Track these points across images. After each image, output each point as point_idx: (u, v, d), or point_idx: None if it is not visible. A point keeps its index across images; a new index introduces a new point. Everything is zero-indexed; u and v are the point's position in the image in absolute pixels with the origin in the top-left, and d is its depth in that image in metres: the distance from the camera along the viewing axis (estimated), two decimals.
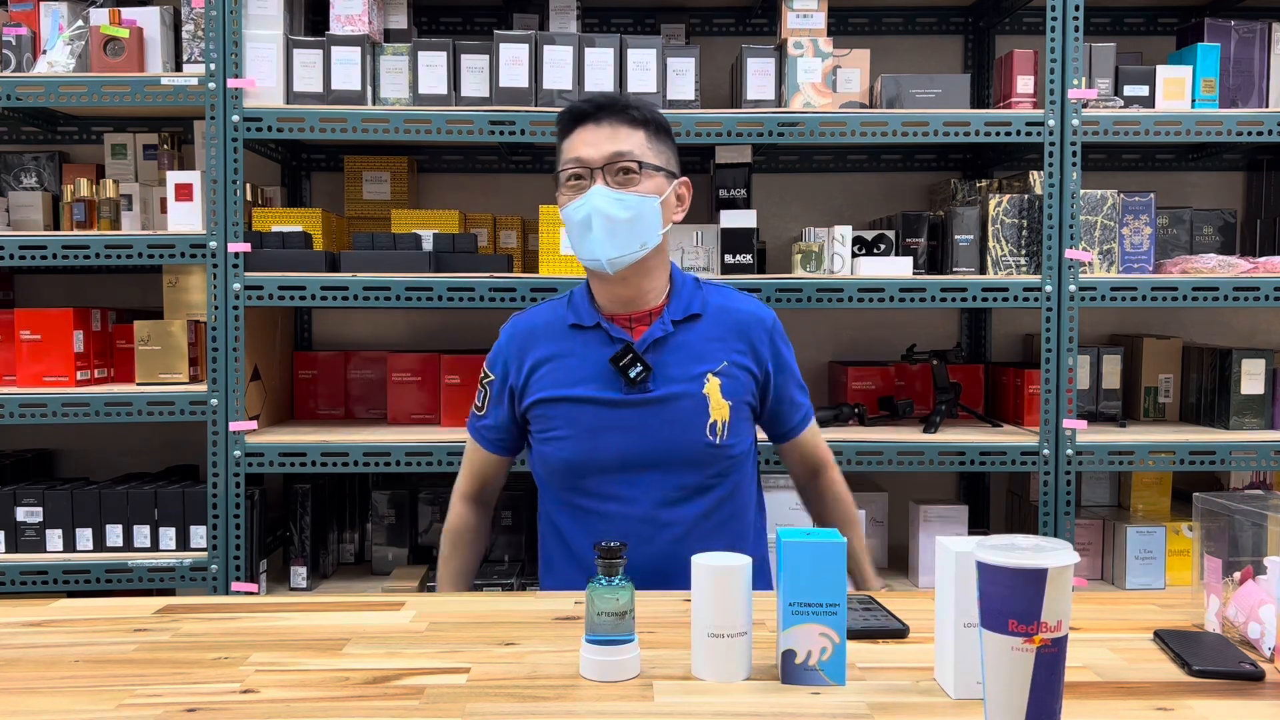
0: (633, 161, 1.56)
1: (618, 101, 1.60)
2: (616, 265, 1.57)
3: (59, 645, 1.28)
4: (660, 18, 2.69)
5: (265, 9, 2.28)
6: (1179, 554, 2.39)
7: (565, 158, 1.60)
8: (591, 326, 1.63)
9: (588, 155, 1.57)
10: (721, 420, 1.60)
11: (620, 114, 1.58)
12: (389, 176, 2.63)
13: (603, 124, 1.57)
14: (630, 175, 1.57)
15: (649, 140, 1.60)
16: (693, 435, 1.59)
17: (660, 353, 1.61)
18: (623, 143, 1.57)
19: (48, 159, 2.66)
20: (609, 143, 1.57)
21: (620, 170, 1.56)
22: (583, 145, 1.58)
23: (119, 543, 2.30)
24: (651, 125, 1.61)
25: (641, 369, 1.58)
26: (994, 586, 0.92)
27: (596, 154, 1.56)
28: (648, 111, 1.61)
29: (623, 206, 1.55)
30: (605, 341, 1.62)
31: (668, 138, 1.64)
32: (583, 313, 1.64)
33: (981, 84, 2.74)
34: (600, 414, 1.60)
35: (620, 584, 1.14)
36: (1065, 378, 2.28)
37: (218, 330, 2.24)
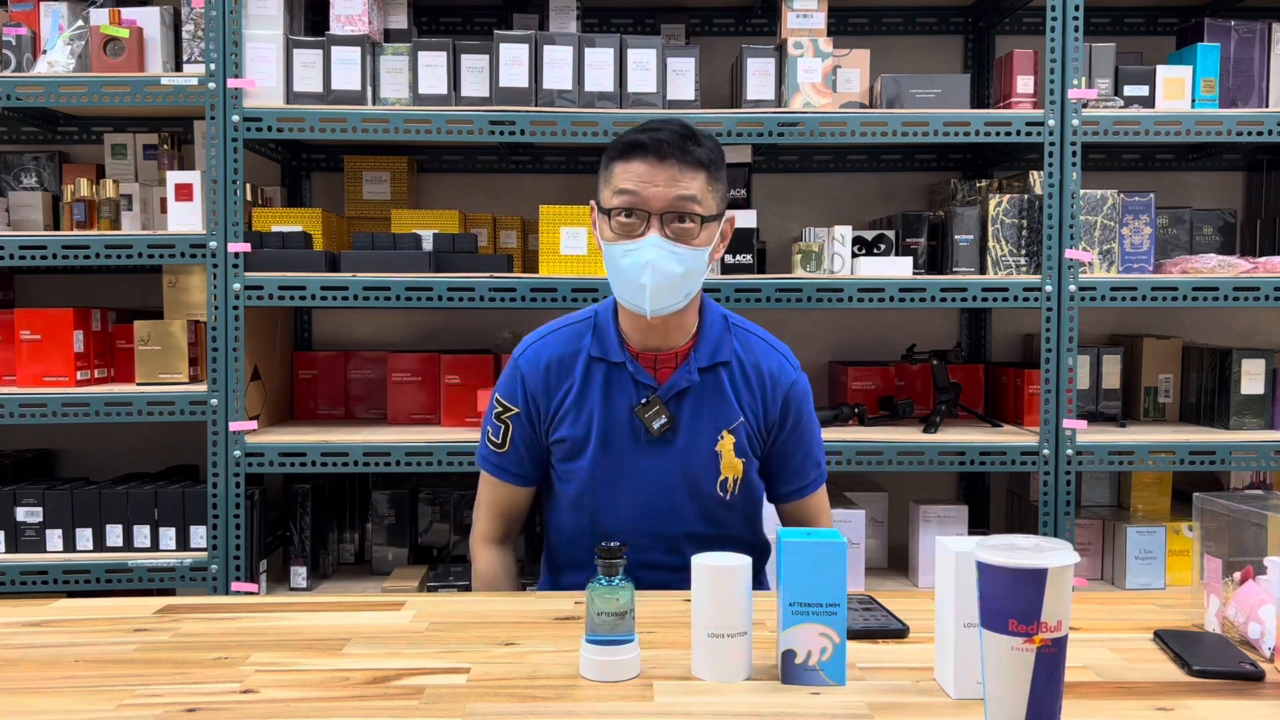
0: (695, 217, 1.46)
1: (681, 136, 1.47)
2: (659, 314, 1.50)
3: (59, 645, 1.28)
4: (660, 18, 2.69)
5: (265, 9, 2.28)
6: (1179, 554, 2.39)
7: (618, 187, 1.47)
8: (617, 364, 1.56)
9: (648, 196, 1.45)
10: (734, 477, 1.57)
11: (685, 154, 1.45)
12: (389, 176, 2.63)
13: (665, 162, 1.45)
14: (689, 228, 1.47)
15: (709, 183, 1.48)
16: (705, 490, 1.56)
17: (683, 402, 1.56)
18: (685, 188, 1.45)
19: (48, 159, 2.66)
20: (670, 186, 1.45)
21: (679, 220, 1.46)
22: (641, 183, 1.45)
23: (119, 543, 2.30)
24: (713, 166, 1.49)
25: (666, 421, 1.54)
26: (994, 586, 0.92)
27: (658, 200, 1.45)
28: (710, 148, 1.49)
29: (678, 261, 1.46)
30: (629, 384, 1.56)
31: (724, 171, 1.53)
32: (609, 346, 1.56)
33: (981, 84, 2.74)
34: (619, 462, 1.56)
35: (620, 584, 1.14)
36: (1065, 378, 2.28)
37: (218, 330, 2.24)
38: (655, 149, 1.45)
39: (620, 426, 1.56)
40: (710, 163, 1.48)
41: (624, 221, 1.47)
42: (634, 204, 1.46)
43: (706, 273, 1.53)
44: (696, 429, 1.56)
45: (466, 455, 2.23)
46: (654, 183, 1.45)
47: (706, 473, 1.56)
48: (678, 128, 1.48)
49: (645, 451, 1.56)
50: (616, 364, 1.56)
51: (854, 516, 2.38)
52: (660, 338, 1.56)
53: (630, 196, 1.46)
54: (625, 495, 1.57)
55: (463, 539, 2.53)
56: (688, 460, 1.56)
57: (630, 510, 1.57)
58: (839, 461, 2.26)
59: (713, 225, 1.50)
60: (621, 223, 1.48)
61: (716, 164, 1.50)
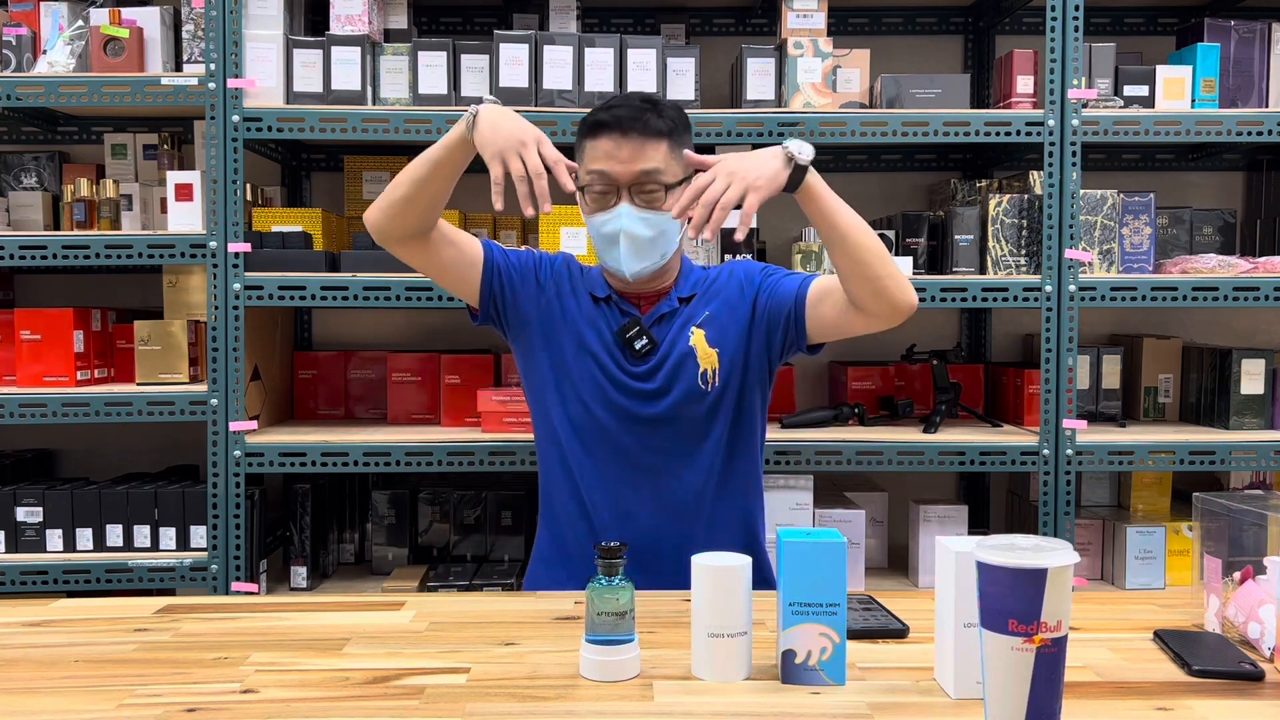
0: (656, 184, 1.58)
1: (641, 110, 1.58)
2: (638, 276, 1.64)
3: (59, 645, 1.28)
4: (660, 18, 2.69)
5: (265, 9, 2.28)
6: (1179, 554, 2.39)
7: (589, 167, 1.61)
8: (604, 298, 1.69)
9: (614, 171, 1.58)
10: (711, 368, 1.67)
11: (643, 125, 1.57)
12: (389, 176, 2.61)
13: (628, 136, 1.57)
14: (655, 195, 1.59)
15: (672, 150, 1.60)
16: (689, 386, 1.66)
17: (665, 326, 1.69)
18: (649, 159, 1.57)
19: (48, 159, 2.67)
20: (635, 159, 1.57)
21: (645, 190, 1.58)
22: (607, 159, 1.58)
23: (119, 543, 2.30)
24: (674, 133, 1.60)
25: (647, 342, 1.66)
26: (994, 586, 0.92)
27: (623, 171, 1.58)
28: (670, 117, 1.60)
29: (648, 225, 1.59)
30: (616, 314, 1.69)
31: (688, 134, 1.65)
32: (597, 284, 1.71)
33: (981, 84, 2.74)
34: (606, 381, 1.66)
35: (620, 584, 1.14)
36: (1065, 378, 2.28)
37: (218, 330, 2.24)
38: (617, 125, 1.57)
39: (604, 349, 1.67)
40: (671, 131, 1.60)
41: (597, 195, 1.61)
42: (604, 180, 1.59)
43: (680, 234, 1.65)
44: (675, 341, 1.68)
45: (466, 455, 2.23)
46: (619, 158, 1.58)
47: (686, 372, 1.67)
48: (638, 101, 1.60)
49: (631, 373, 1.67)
50: (603, 299, 1.70)
51: (854, 516, 2.38)
52: (641, 284, 1.70)
53: (600, 174, 1.59)
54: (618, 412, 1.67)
55: (463, 539, 2.53)
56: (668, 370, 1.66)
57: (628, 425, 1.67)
58: (839, 461, 2.26)
59: (680, 189, 1.60)
60: (595, 197, 1.61)
61: (678, 130, 1.61)
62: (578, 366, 1.68)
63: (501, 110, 1.53)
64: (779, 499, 2.32)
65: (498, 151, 1.50)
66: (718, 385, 1.68)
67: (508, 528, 2.53)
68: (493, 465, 2.23)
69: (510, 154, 1.48)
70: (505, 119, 1.51)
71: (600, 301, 1.70)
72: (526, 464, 2.23)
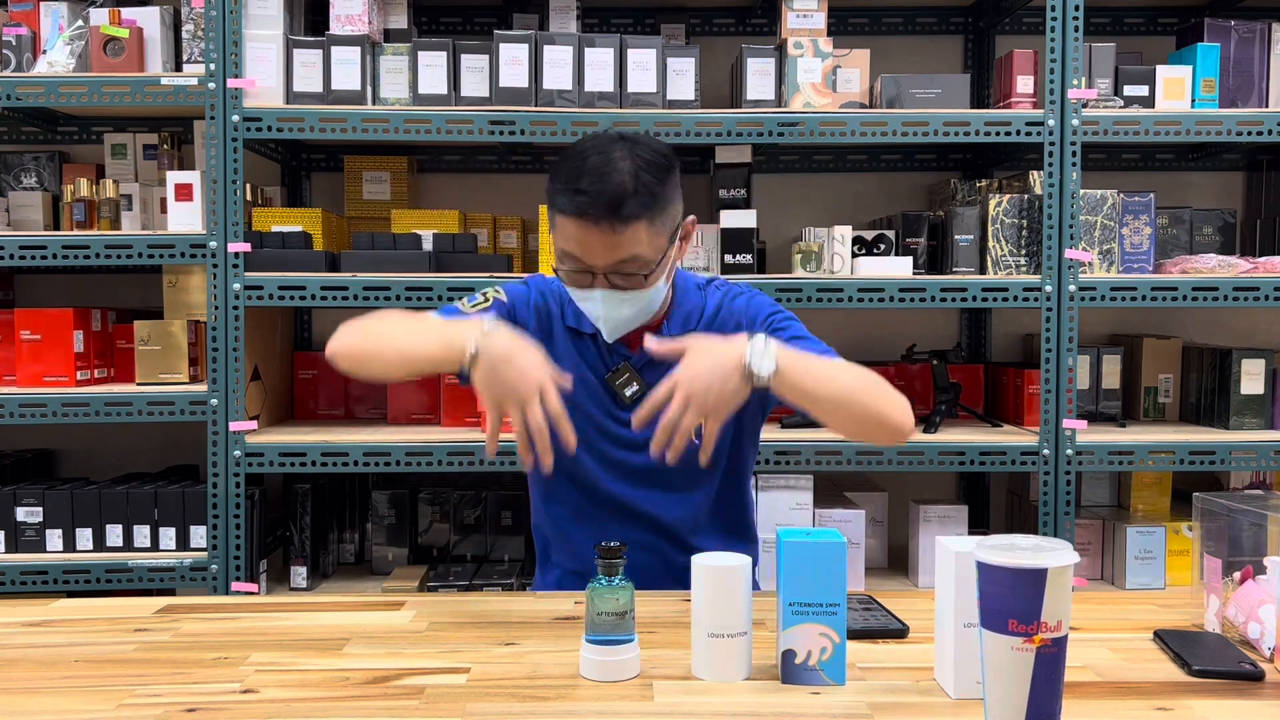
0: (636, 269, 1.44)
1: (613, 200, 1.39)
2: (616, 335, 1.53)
3: (59, 645, 1.28)
4: (660, 18, 2.69)
5: (265, 9, 2.28)
6: (1179, 554, 2.39)
7: (559, 244, 1.45)
8: (590, 335, 1.57)
9: (589, 262, 1.44)
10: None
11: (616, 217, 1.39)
12: (389, 176, 2.63)
13: (600, 226, 1.40)
14: (634, 278, 1.45)
15: (649, 227, 1.42)
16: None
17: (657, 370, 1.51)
18: (624, 249, 1.42)
19: (48, 159, 2.66)
20: (609, 251, 1.42)
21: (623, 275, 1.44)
22: (579, 246, 1.43)
23: (119, 543, 2.30)
24: (651, 209, 1.42)
25: (638, 389, 1.53)
26: (994, 586, 0.92)
27: (599, 261, 1.43)
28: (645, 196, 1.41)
29: (629, 305, 1.48)
30: (604, 353, 1.57)
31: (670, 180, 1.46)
32: (583, 318, 1.56)
33: (981, 84, 2.74)
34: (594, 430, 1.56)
35: (620, 584, 1.14)
36: (1065, 378, 2.28)
37: (218, 330, 2.24)
38: (587, 215, 1.40)
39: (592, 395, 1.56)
40: (646, 209, 1.41)
41: (571, 274, 1.47)
42: (578, 263, 1.44)
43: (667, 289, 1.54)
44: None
45: (466, 455, 2.23)
46: (591, 248, 1.42)
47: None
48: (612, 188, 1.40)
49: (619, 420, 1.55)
50: (589, 335, 1.57)
51: (854, 516, 2.38)
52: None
53: (573, 259, 1.45)
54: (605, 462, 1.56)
55: (463, 539, 2.53)
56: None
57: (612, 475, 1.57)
58: (839, 461, 2.26)
59: (661, 264, 1.47)
60: (569, 274, 1.47)
61: (656, 204, 1.43)
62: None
63: (504, 347, 1.34)
64: (779, 499, 2.32)
65: (496, 400, 1.33)
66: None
67: (508, 528, 2.53)
68: (493, 465, 2.23)
69: (511, 406, 1.32)
70: (504, 363, 1.33)
71: (585, 338, 1.58)
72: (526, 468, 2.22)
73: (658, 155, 1.46)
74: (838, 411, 1.41)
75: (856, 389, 1.41)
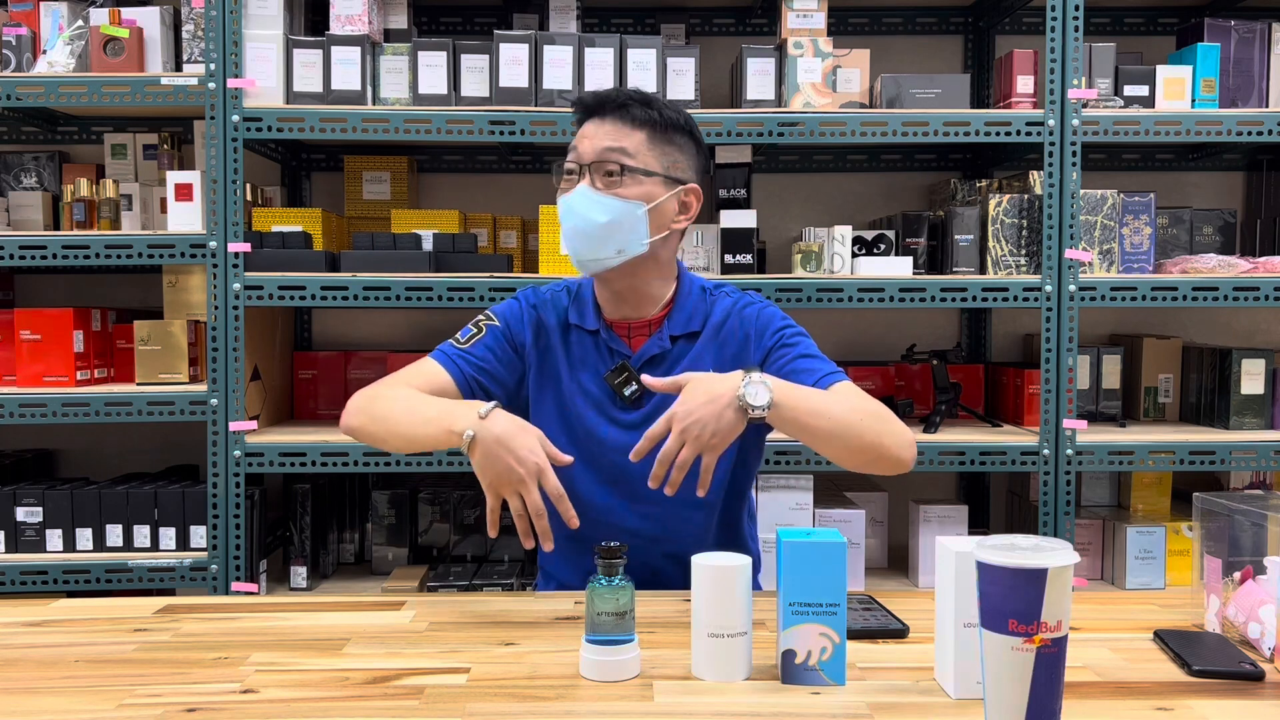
0: (616, 164, 1.49)
1: (625, 98, 1.52)
2: (588, 267, 1.53)
3: (59, 645, 1.28)
4: (660, 18, 2.69)
5: (265, 9, 2.28)
6: (1179, 554, 2.39)
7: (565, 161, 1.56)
8: (591, 331, 1.58)
9: (581, 150, 1.52)
10: None
11: (620, 111, 1.50)
12: (389, 176, 2.63)
13: (605, 120, 1.51)
14: (613, 178, 1.49)
15: (649, 142, 1.51)
16: None
17: (656, 370, 1.55)
18: (616, 141, 1.49)
19: (48, 159, 2.67)
20: (603, 139, 1.50)
21: (606, 172, 1.49)
22: (581, 138, 1.52)
23: (119, 543, 2.30)
24: (658, 126, 1.52)
25: (636, 388, 1.53)
26: (994, 586, 0.92)
27: (588, 151, 1.51)
28: (658, 111, 1.52)
29: (602, 210, 1.48)
30: (604, 352, 1.57)
31: (683, 139, 1.55)
32: (586, 313, 1.59)
33: (981, 84, 2.74)
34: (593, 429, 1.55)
35: (620, 584, 1.14)
36: (1065, 378, 2.28)
37: (218, 330, 2.24)
38: (596, 109, 1.52)
39: (592, 392, 1.56)
40: (652, 123, 1.51)
41: (566, 178, 1.54)
42: (573, 159, 1.53)
43: (656, 235, 1.52)
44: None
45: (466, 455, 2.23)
46: (588, 136, 1.52)
47: None
48: (629, 90, 1.54)
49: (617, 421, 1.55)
50: (591, 331, 1.58)
51: (854, 516, 2.38)
52: (630, 307, 1.58)
53: (572, 153, 1.53)
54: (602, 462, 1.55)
55: (463, 539, 2.53)
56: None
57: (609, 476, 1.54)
58: None
59: (649, 182, 1.50)
60: (564, 179, 1.54)
61: (662, 126, 1.52)
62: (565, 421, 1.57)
63: (500, 431, 1.36)
64: (779, 499, 2.32)
65: (493, 485, 1.35)
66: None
67: (508, 527, 2.50)
68: None
69: (508, 490, 1.34)
70: (501, 448, 1.34)
71: (587, 334, 1.58)
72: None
73: (672, 107, 1.55)
74: (834, 444, 1.41)
75: (853, 421, 1.40)
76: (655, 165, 1.52)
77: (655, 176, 1.52)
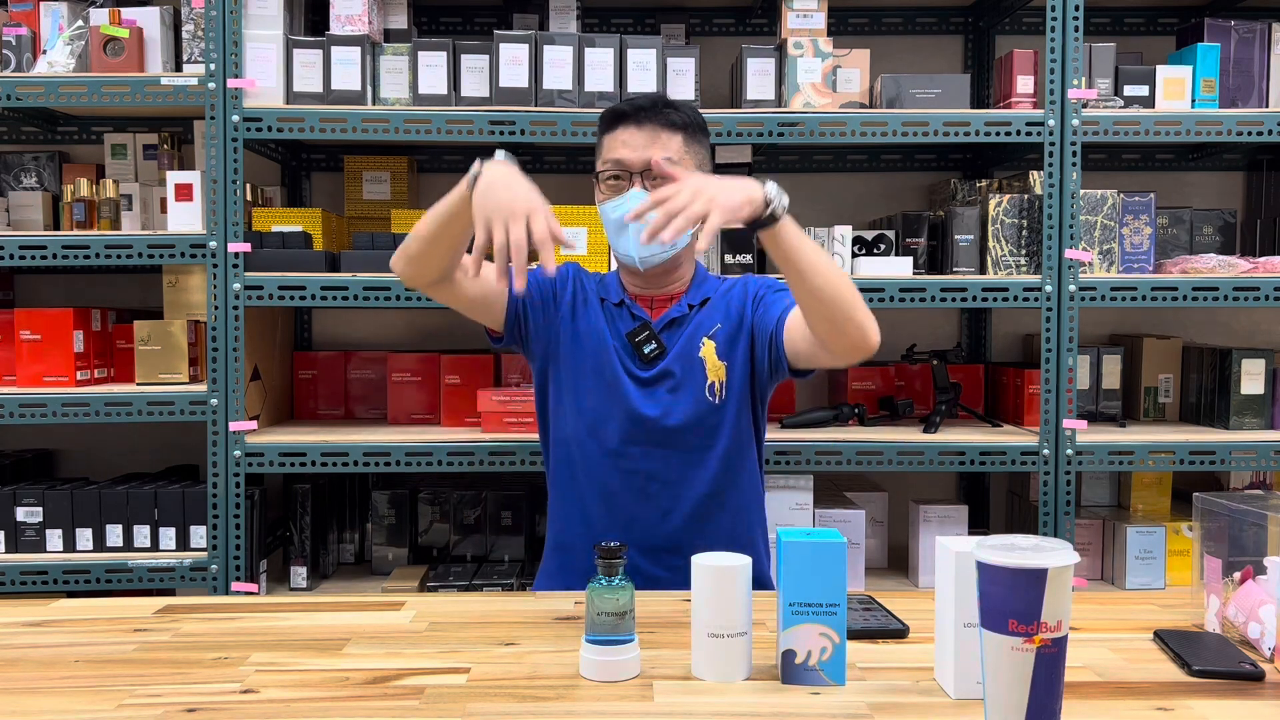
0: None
1: (658, 103, 1.65)
2: (648, 264, 1.66)
3: (59, 645, 1.28)
4: (660, 18, 2.69)
5: (265, 9, 2.28)
6: (1179, 554, 2.39)
7: (605, 157, 1.67)
8: (616, 303, 1.72)
9: (627, 158, 1.63)
10: (719, 380, 1.69)
11: (659, 117, 1.64)
12: (389, 176, 2.63)
13: (644, 126, 1.63)
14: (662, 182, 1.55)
15: (686, 144, 1.66)
16: (696, 396, 1.67)
17: (674, 332, 1.71)
18: (663, 147, 1.63)
19: (48, 159, 2.67)
20: (649, 147, 1.62)
21: (655, 176, 1.60)
22: (622, 147, 1.64)
23: (119, 543, 2.30)
24: (690, 128, 1.66)
25: (656, 346, 1.68)
26: (994, 586, 0.92)
27: (635, 158, 1.63)
28: (687, 114, 1.67)
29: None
30: (627, 318, 1.72)
31: (704, 137, 1.71)
32: (611, 289, 1.74)
33: (981, 84, 2.74)
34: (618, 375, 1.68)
35: (620, 584, 1.14)
36: (1065, 378, 2.28)
37: (218, 330, 2.24)
38: (634, 116, 1.64)
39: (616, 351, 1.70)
40: (686, 125, 1.66)
41: (612, 183, 1.66)
42: (619, 167, 1.64)
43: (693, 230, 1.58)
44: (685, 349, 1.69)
45: (466, 455, 2.23)
46: (634, 146, 1.63)
47: (695, 381, 1.68)
48: (656, 96, 1.69)
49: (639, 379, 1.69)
50: (616, 304, 1.73)
51: (854, 516, 2.38)
52: (656, 286, 1.74)
53: (615, 162, 1.65)
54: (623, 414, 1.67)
55: (463, 539, 2.53)
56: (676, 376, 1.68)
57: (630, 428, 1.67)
58: (839, 461, 2.26)
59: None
60: (610, 185, 1.66)
61: (693, 128, 1.68)
62: (590, 374, 1.70)
63: (504, 172, 1.45)
64: (779, 499, 2.32)
65: (485, 216, 1.40)
66: (725, 398, 1.69)
67: (508, 528, 2.53)
68: (493, 465, 2.23)
69: (497, 222, 1.38)
70: (504, 184, 1.42)
71: (613, 306, 1.73)
72: (526, 464, 2.23)
73: (693, 109, 1.72)
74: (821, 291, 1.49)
75: (842, 279, 1.51)
76: (693, 165, 1.67)
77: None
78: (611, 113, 1.68)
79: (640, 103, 1.66)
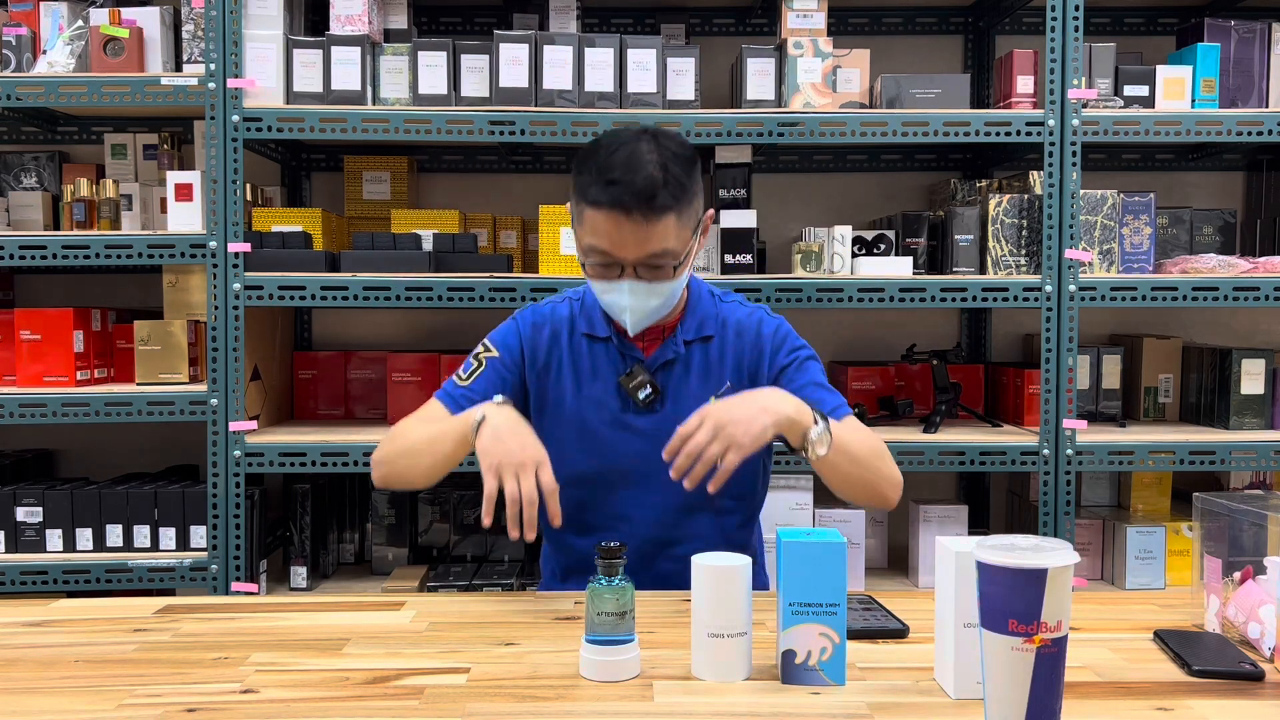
0: (666, 261, 1.48)
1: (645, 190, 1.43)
2: (641, 326, 1.56)
3: (59, 645, 1.28)
4: (660, 18, 2.69)
5: (265, 9, 2.28)
6: (1179, 554, 2.39)
7: (587, 240, 1.48)
8: (603, 339, 1.60)
9: (619, 255, 1.47)
10: None
11: (649, 208, 1.43)
12: (389, 176, 2.63)
13: (632, 217, 1.44)
14: (662, 270, 1.49)
15: (678, 221, 1.47)
16: None
17: (670, 373, 1.59)
18: (655, 241, 1.45)
19: (48, 159, 2.66)
20: (641, 244, 1.45)
21: (651, 267, 1.48)
22: (608, 239, 1.46)
23: (119, 543, 2.30)
24: (681, 202, 1.46)
25: (651, 391, 1.57)
26: (994, 586, 0.92)
27: (629, 255, 1.47)
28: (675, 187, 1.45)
29: (655, 296, 1.51)
30: (616, 357, 1.60)
31: (694, 174, 1.50)
32: (596, 321, 1.61)
33: (981, 84, 2.74)
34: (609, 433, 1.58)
35: (620, 584, 1.14)
36: (1065, 378, 2.28)
37: (218, 330, 2.24)
38: (619, 206, 1.44)
39: (608, 397, 1.59)
40: (677, 201, 1.46)
41: (599, 268, 1.50)
42: (606, 257, 1.48)
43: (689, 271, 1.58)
44: (683, 397, 1.57)
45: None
46: (622, 240, 1.46)
47: None
48: (643, 179, 1.43)
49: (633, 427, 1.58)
50: (603, 339, 1.60)
51: (854, 516, 2.38)
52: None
53: (600, 252, 1.48)
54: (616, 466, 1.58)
55: (463, 539, 2.53)
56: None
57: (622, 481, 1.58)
58: None
59: (687, 257, 1.53)
60: (596, 269, 1.51)
61: (685, 196, 1.47)
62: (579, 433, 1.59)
63: (508, 421, 1.43)
64: (779, 499, 2.32)
65: (494, 466, 1.38)
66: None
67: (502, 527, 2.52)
68: None
69: (508, 473, 1.36)
70: (509, 433, 1.40)
71: (599, 342, 1.61)
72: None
73: (683, 148, 1.50)
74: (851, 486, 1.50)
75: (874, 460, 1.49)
76: (689, 236, 1.51)
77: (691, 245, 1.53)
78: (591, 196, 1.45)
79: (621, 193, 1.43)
